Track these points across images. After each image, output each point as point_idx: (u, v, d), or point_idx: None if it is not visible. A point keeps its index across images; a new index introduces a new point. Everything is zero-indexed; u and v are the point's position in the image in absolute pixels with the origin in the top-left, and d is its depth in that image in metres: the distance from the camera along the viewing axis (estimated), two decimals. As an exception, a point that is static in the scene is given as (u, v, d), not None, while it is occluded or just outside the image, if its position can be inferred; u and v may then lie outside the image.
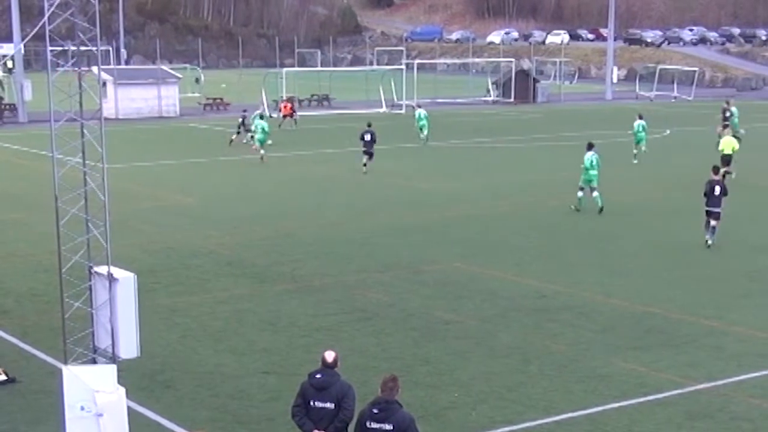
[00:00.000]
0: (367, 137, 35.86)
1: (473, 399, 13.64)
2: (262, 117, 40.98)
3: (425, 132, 44.29)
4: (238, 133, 43.76)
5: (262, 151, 38.27)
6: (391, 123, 52.27)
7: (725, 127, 38.76)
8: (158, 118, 57.30)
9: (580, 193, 27.58)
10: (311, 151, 42.11)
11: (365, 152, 35.75)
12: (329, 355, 10.03)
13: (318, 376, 9.93)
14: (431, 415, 12.96)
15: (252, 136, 40.37)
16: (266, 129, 39.15)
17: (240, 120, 44.21)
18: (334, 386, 9.86)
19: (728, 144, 32.87)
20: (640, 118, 38.78)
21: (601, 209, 27.11)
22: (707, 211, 23.08)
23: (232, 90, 68.83)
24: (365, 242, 23.72)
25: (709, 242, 23.08)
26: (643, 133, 38.43)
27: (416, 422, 9.40)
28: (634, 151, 38.27)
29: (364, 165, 35.43)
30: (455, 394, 13.84)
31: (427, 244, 23.49)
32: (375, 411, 9.32)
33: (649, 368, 14.87)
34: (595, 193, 27.30)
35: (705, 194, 23.09)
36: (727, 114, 42.62)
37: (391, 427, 9.22)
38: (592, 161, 27.34)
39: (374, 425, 9.28)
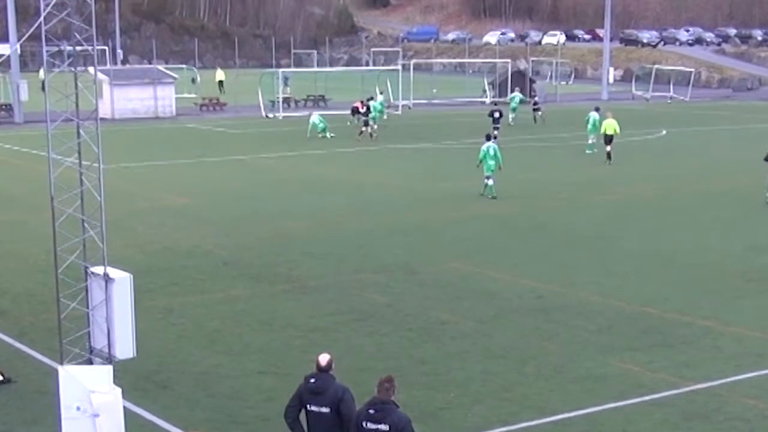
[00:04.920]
0: (496, 114, 44.74)
1: (470, 399, 13.65)
2: (371, 99, 50.49)
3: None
4: (366, 124, 46.92)
5: (374, 127, 46.17)
6: (387, 123, 52.21)
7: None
8: (154, 119, 57.23)
9: (486, 181, 29.66)
10: (309, 152, 42.10)
11: (495, 128, 43.46)
12: (323, 359, 10.01)
13: (312, 380, 9.93)
14: (427, 415, 12.96)
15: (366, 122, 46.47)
16: (378, 108, 48.89)
17: (365, 109, 47.78)
18: (330, 390, 9.84)
19: (610, 125, 38.42)
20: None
21: (494, 197, 29.33)
22: None
23: (231, 90, 68.77)
24: (362, 243, 23.72)
25: None
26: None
27: (412, 423, 9.40)
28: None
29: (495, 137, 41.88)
30: (451, 394, 13.85)
31: (423, 245, 23.49)
32: (371, 411, 9.31)
33: (645, 368, 14.88)
34: (491, 182, 29.43)
35: (766, 159, 28.18)
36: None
37: (387, 428, 9.20)
38: (488, 151, 29.55)
39: (370, 426, 9.27)
